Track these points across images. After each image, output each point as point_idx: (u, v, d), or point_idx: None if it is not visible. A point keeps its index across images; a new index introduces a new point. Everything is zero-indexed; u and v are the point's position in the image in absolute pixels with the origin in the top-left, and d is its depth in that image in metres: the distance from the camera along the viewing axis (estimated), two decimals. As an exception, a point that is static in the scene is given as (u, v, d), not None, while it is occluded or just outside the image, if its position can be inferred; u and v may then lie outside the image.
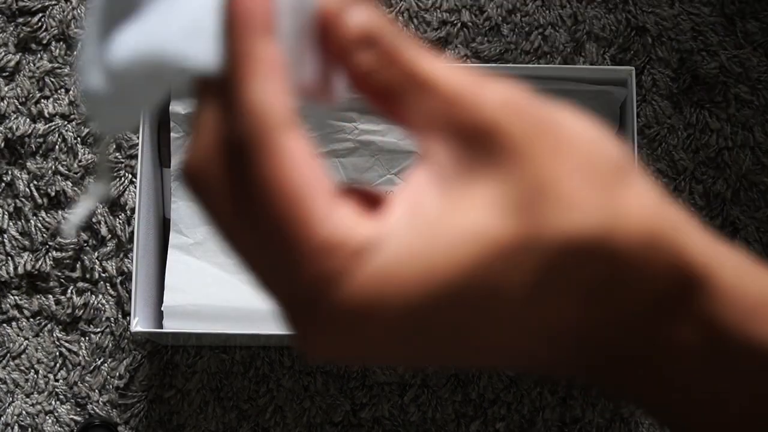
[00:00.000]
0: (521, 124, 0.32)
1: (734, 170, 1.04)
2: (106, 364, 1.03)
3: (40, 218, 1.04)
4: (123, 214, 1.04)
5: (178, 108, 0.97)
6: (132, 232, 1.03)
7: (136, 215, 0.94)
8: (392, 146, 0.98)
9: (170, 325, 0.95)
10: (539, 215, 0.31)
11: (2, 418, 1.02)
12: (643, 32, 1.05)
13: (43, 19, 1.06)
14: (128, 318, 1.02)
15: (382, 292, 0.31)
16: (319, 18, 0.33)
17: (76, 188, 1.04)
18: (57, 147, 1.05)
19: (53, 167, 1.04)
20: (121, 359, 1.03)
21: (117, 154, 1.04)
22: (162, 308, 0.95)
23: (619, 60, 1.02)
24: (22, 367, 1.03)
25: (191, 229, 0.98)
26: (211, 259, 0.97)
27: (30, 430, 1.02)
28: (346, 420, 1.02)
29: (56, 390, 1.03)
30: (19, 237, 1.04)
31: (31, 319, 1.04)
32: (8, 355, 1.03)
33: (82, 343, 1.03)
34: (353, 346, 0.32)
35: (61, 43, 1.06)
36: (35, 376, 1.03)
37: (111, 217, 1.04)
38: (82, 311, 1.03)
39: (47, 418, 1.02)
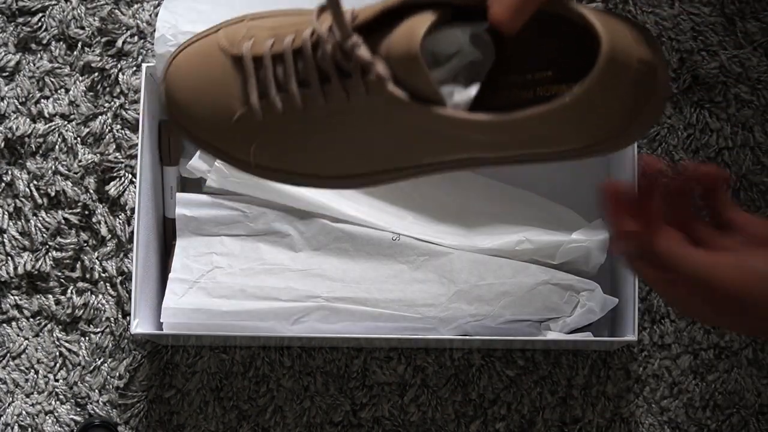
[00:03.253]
0: None
1: (734, 170, 1.04)
2: (106, 364, 1.03)
3: (40, 218, 1.04)
4: (123, 214, 1.04)
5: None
6: (132, 232, 1.03)
7: (136, 215, 0.94)
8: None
9: (170, 326, 0.95)
10: None
11: (2, 418, 1.02)
12: (643, 32, 1.05)
13: (43, 19, 1.06)
14: (128, 318, 1.02)
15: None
16: None
17: (76, 188, 1.04)
18: (57, 147, 1.05)
19: (53, 167, 1.04)
20: (121, 359, 1.03)
21: (117, 154, 1.04)
22: (162, 308, 0.95)
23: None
24: (22, 367, 1.03)
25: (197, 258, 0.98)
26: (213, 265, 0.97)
27: (30, 430, 1.02)
28: (346, 420, 1.02)
29: (56, 390, 1.03)
30: (19, 237, 1.04)
31: (31, 319, 1.04)
32: (8, 355, 1.03)
33: (82, 343, 1.03)
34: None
35: (61, 43, 1.06)
36: (35, 376, 1.03)
37: (111, 217, 1.04)
38: (82, 311, 1.03)
39: (47, 418, 1.03)
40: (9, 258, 1.04)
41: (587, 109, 0.60)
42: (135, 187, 0.99)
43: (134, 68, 1.05)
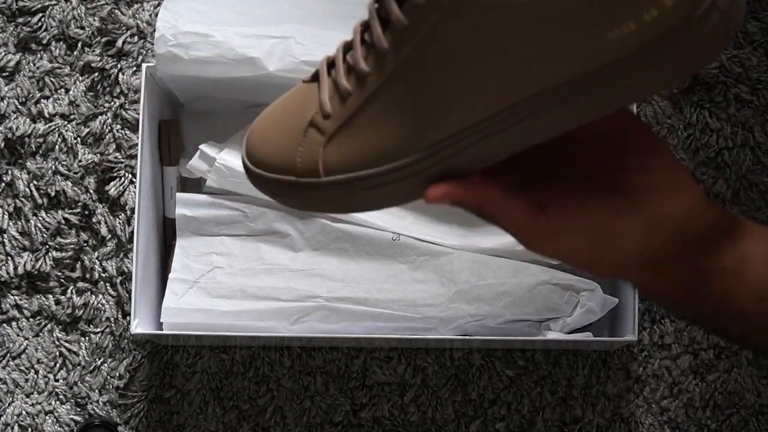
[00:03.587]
0: None
1: (734, 170, 1.04)
2: (106, 364, 1.03)
3: (40, 218, 1.04)
4: (123, 214, 1.04)
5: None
6: (132, 232, 1.03)
7: (136, 215, 0.94)
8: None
9: (170, 325, 0.95)
10: None
11: (2, 418, 1.02)
12: (643, 32, 1.05)
13: (43, 19, 1.06)
14: (128, 318, 1.02)
15: None
16: None
17: (76, 188, 1.04)
18: (57, 147, 1.05)
19: (53, 167, 1.04)
20: (121, 359, 1.03)
21: (117, 154, 1.04)
22: (162, 308, 0.95)
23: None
24: (22, 367, 1.03)
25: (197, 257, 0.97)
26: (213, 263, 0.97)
27: (30, 430, 1.02)
28: (346, 420, 1.02)
29: (56, 390, 1.03)
30: (19, 237, 1.04)
31: (31, 319, 1.04)
32: (8, 355, 1.03)
33: (82, 343, 1.03)
34: None
35: (61, 43, 1.06)
36: (35, 376, 1.03)
37: (111, 217, 1.04)
38: (82, 311, 1.03)
39: (47, 418, 1.03)
40: (9, 258, 1.04)
41: None
42: (135, 187, 0.99)
43: (134, 68, 1.05)
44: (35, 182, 1.04)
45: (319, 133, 0.62)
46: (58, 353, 1.03)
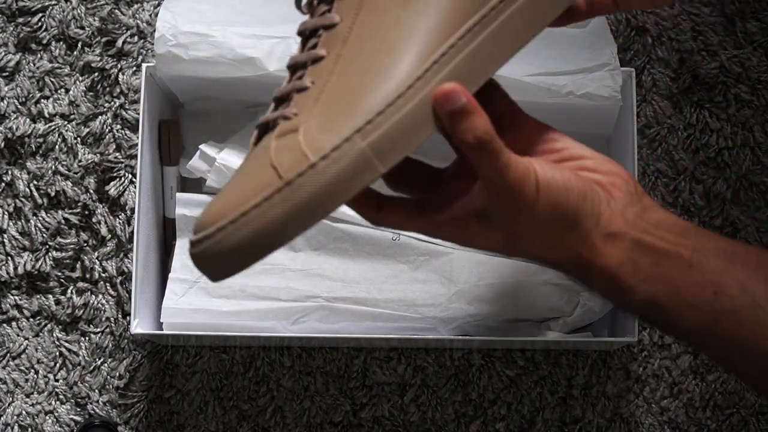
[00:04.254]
0: None
1: (734, 170, 1.04)
2: (106, 364, 1.03)
3: (40, 218, 1.04)
4: (123, 214, 1.04)
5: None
6: (132, 232, 1.03)
7: (136, 215, 0.94)
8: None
9: (170, 325, 0.95)
10: None
11: (2, 418, 1.02)
12: (643, 32, 1.05)
13: (43, 19, 1.06)
14: (128, 318, 1.03)
15: None
16: None
17: (76, 188, 1.04)
18: (57, 147, 1.05)
19: (53, 167, 1.04)
20: (121, 359, 1.03)
21: (117, 154, 1.04)
22: (162, 308, 0.95)
23: (619, 60, 1.02)
24: (22, 367, 1.03)
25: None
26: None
27: (30, 430, 1.02)
28: (346, 420, 1.02)
29: (56, 390, 1.03)
30: (19, 237, 1.04)
31: (31, 319, 1.04)
32: (8, 355, 1.03)
33: (82, 343, 1.03)
34: None
35: (61, 43, 1.06)
36: (35, 376, 1.03)
37: (111, 217, 1.04)
38: (82, 311, 1.03)
39: (47, 418, 1.03)
40: (9, 258, 1.04)
41: None
42: (135, 187, 0.99)
43: (134, 68, 1.05)
44: (35, 182, 1.04)
45: (291, 132, 0.59)
46: (58, 353, 1.03)
